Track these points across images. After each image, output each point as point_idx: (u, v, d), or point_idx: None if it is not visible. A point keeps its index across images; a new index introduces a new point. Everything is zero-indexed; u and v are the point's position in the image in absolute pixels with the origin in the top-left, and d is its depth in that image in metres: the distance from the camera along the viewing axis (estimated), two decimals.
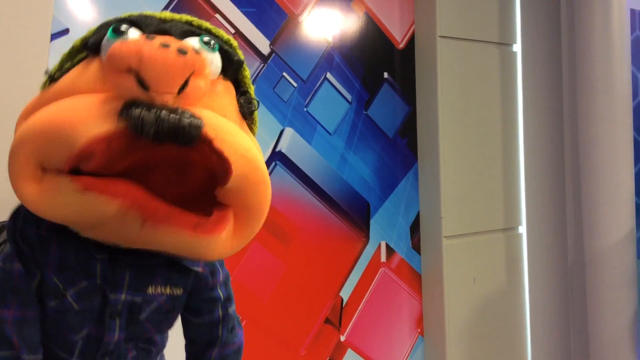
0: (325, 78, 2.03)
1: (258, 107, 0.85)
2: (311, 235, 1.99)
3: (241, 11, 1.85)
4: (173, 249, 0.73)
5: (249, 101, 0.83)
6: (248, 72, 0.85)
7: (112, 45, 0.67)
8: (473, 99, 2.28)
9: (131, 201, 0.67)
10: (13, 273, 0.79)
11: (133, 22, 0.75)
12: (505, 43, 2.40)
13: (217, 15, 1.79)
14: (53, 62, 1.49)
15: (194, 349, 0.97)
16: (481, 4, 2.33)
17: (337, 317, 2.05)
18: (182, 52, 0.64)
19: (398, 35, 2.25)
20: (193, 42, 0.75)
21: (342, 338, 2.06)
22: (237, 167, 0.68)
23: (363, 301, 2.12)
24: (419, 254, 2.28)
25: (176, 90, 0.65)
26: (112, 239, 0.74)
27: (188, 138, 0.64)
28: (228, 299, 0.98)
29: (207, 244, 0.71)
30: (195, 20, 0.81)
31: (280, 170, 1.91)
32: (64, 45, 1.54)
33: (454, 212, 2.20)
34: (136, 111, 0.63)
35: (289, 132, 1.94)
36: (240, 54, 0.83)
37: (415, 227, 2.27)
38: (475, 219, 2.28)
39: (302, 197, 1.96)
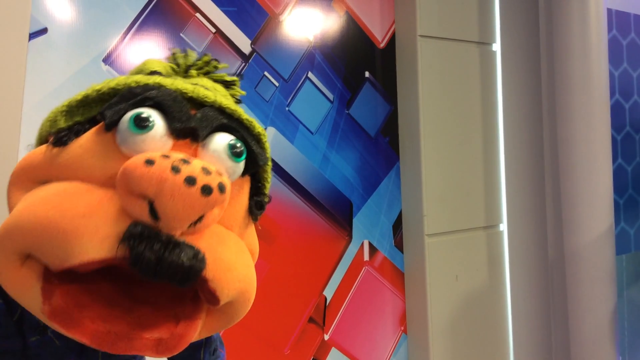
0: (307, 77, 2.04)
1: (269, 201, 0.80)
2: (294, 234, 1.99)
3: (221, 10, 1.84)
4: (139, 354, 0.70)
5: (261, 205, 0.77)
6: (270, 168, 0.79)
7: (131, 162, 0.60)
8: (453, 98, 2.30)
9: (91, 338, 0.62)
10: None
11: (159, 105, 0.67)
12: (484, 42, 2.42)
13: (198, 15, 1.79)
14: (31, 62, 1.48)
15: None
16: (461, 3, 2.35)
17: (321, 316, 2.05)
18: (206, 192, 0.59)
19: (379, 34, 2.26)
20: (219, 143, 0.69)
21: (326, 337, 2.06)
22: (226, 299, 0.65)
23: (346, 300, 2.12)
24: (402, 252, 2.29)
25: (187, 225, 0.61)
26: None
27: (184, 281, 0.60)
28: None
29: (175, 347, 0.67)
30: (230, 106, 0.72)
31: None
32: (43, 44, 1.53)
33: (435, 211, 2.22)
34: (138, 248, 0.58)
35: (271, 131, 1.94)
36: (268, 150, 0.77)
37: (397, 226, 2.28)
38: (457, 217, 2.30)
39: (285, 196, 1.96)
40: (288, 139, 1.98)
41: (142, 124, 0.65)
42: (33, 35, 1.53)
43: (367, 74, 2.21)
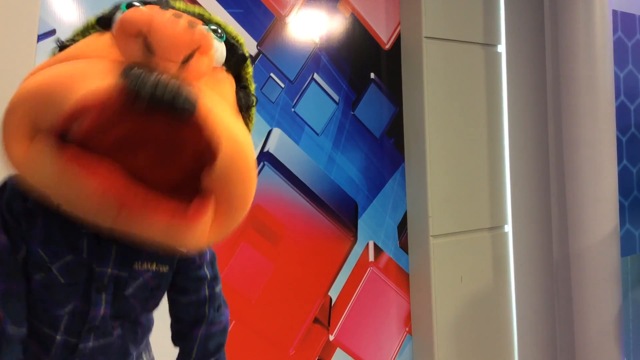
0: (313, 79, 2.04)
1: (256, 103, 0.87)
2: (300, 235, 1.99)
3: (228, 12, 1.85)
4: (150, 237, 0.72)
5: (248, 95, 0.84)
6: (251, 70, 0.86)
7: (130, 10, 0.68)
8: (459, 99, 2.30)
9: (109, 184, 0.65)
10: None
11: (147, 3, 0.76)
12: (489, 44, 2.42)
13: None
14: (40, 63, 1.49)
15: (179, 328, 0.97)
16: (466, 5, 2.35)
17: (326, 316, 2.06)
18: (192, 25, 0.66)
19: (384, 36, 2.26)
20: (204, 26, 0.75)
21: (331, 337, 2.07)
22: (226, 148, 0.67)
23: (351, 300, 2.12)
24: (407, 253, 2.29)
25: (180, 60, 0.66)
26: (90, 220, 0.72)
27: (182, 108, 0.63)
28: (214, 278, 0.97)
29: (185, 232, 0.70)
30: (207, 13, 0.82)
31: (268, 170, 1.91)
32: (51, 46, 1.54)
33: (441, 212, 2.22)
34: (137, 71, 0.62)
35: (276, 132, 1.95)
36: (246, 51, 0.85)
37: (402, 227, 2.28)
38: (462, 218, 2.30)
39: (291, 197, 1.97)
40: (294, 140, 1.99)
41: (132, 4, 0.73)
42: (41, 37, 1.54)
43: (372, 75, 2.21)
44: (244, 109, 0.82)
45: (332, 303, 2.08)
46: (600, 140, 2.21)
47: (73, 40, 0.79)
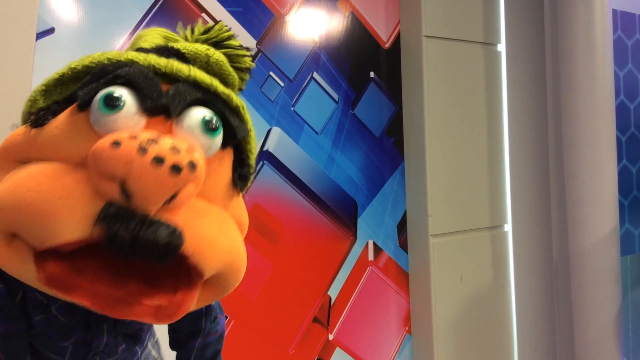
0: (312, 77, 2.04)
1: (254, 173, 0.80)
2: (299, 234, 1.99)
3: (227, 10, 1.85)
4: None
5: (245, 177, 0.76)
6: (253, 139, 0.78)
7: (99, 144, 0.60)
8: (458, 98, 2.30)
9: (91, 300, 0.63)
10: None
11: (131, 82, 0.67)
12: (489, 43, 2.42)
13: (204, 15, 1.79)
14: (39, 62, 1.49)
15: (177, 337, 0.97)
16: (466, 4, 2.35)
17: (326, 316, 2.06)
18: (175, 170, 0.59)
19: (384, 34, 2.26)
20: (193, 119, 0.68)
21: (331, 337, 2.06)
22: (210, 272, 0.66)
23: (351, 300, 2.12)
24: (406, 252, 2.29)
25: (161, 204, 0.60)
26: None
27: (162, 258, 0.60)
28: None
29: (171, 318, 0.68)
30: (204, 80, 0.72)
31: (267, 169, 1.91)
32: (50, 44, 1.53)
33: (440, 211, 2.22)
34: (112, 228, 0.58)
35: (276, 131, 1.95)
36: (249, 123, 0.77)
37: (402, 226, 2.28)
38: (462, 217, 2.30)
39: (290, 196, 1.96)
40: (293, 139, 1.98)
41: (111, 103, 0.64)
42: (40, 35, 1.53)
43: (372, 74, 2.21)
44: (239, 185, 0.76)
45: (332, 302, 2.07)
46: (599, 139, 2.21)
47: (49, 97, 0.72)
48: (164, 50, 0.75)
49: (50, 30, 1.56)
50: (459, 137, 2.30)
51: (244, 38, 1.88)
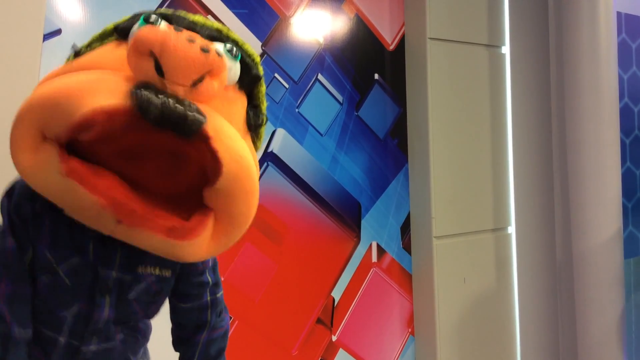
0: (317, 79, 2.04)
1: (266, 122, 0.87)
2: (303, 235, 2.00)
3: (233, 12, 1.85)
4: (148, 248, 0.75)
5: (258, 115, 0.84)
6: (264, 88, 0.87)
7: (140, 29, 0.68)
8: (463, 100, 2.30)
9: (108, 200, 0.68)
10: (6, 248, 0.80)
11: (166, 17, 0.77)
12: (494, 45, 2.42)
13: (209, 16, 1.80)
14: (46, 63, 1.50)
15: (181, 334, 0.98)
16: (470, 6, 2.35)
17: (329, 317, 2.06)
18: (205, 50, 0.66)
19: (388, 36, 2.26)
20: (218, 46, 0.75)
21: (334, 338, 2.07)
22: (228, 170, 0.69)
23: (354, 301, 2.13)
24: (410, 254, 2.29)
25: (190, 84, 0.67)
26: (91, 226, 0.75)
27: (187, 130, 0.65)
28: (216, 284, 0.98)
29: (180, 248, 0.72)
30: (225, 29, 0.82)
31: (272, 170, 1.91)
32: (57, 45, 1.54)
33: (444, 213, 2.22)
34: (145, 93, 0.64)
35: (280, 133, 1.95)
36: (260, 70, 0.85)
37: (405, 228, 2.28)
38: (465, 219, 2.30)
39: (294, 197, 1.97)
40: (297, 140, 1.99)
41: (149, 21, 0.73)
42: (47, 36, 1.55)
43: (376, 76, 2.22)
44: (252, 127, 0.83)
45: (335, 303, 2.08)
46: (603, 142, 2.21)
47: (89, 46, 0.81)
48: None
49: (57, 32, 1.57)
50: (463, 139, 2.30)
51: (249, 40, 1.88)
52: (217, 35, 0.79)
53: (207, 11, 1.80)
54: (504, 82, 2.45)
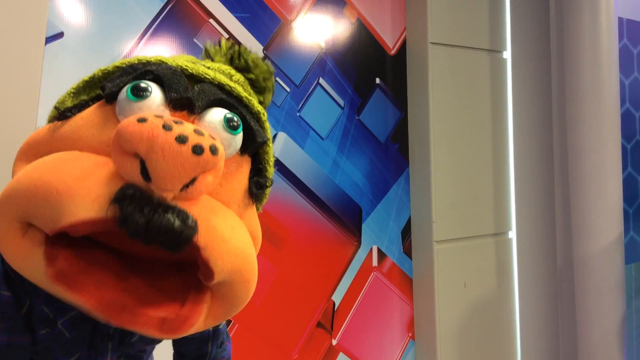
0: (318, 83, 2.05)
1: (271, 185, 0.80)
2: (303, 239, 2.00)
3: (235, 16, 1.86)
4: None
5: (261, 186, 0.76)
6: (271, 149, 0.79)
7: (125, 121, 0.60)
8: (464, 105, 2.31)
9: (97, 301, 0.62)
10: (1, 299, 0.76)
11: (158, 78, 0.69)
12: (495, 50, 2.43)
13: (211, 20, 1.81)
14: (48, 66, 1.50)
15: None
16: (472, 11, 2.36)
17: (329, 321, 2.06)
18: (197, 152, 0.58)
19: (390, 41, 2.27)
20: (216, 116, 0.69)
21: (334, 342, 2.07)
22: (221, 273, 0.64)
23: (355, 305, 2.13)
24: (410, 258, 2.29)
25: (179, 188, 0.60)
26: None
27: (175, 245, 0.59)
28: None
29: (177, 333, 0.66)
30: (229, 83, 0.74)
31: (273, 174, 1.91)
32: (59, 48, 1.55)
33: (445, 217, 2.22)
34: (128, 209, 0.57)
35: (281, 136, 1.95)
36: (268, 131, 0.77)
37: (406, 232, 2.28)
38: (466, 223, 2.30)
39: (295, 201, 1.97)
40: (298, 144, 1.99)
41: (139, 92, 0.66)
42: (49, 40, 1.55)
43: (377, 80, 2.22)
44: (254, 195, 0.75)
45: (335, 307, 2.08)
46: (605, 147, 2.21)
47: (77, 97, 0.74)
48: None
49: (60, 35, 1.58)
50: (464, 143, 2.30)
51: (251, 43, 1.90)
52: (217, 99, 0.71)
53: (209, 15, 1.81)
54: (505, 86, 2.45)
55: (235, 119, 0.70)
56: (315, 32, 2.06)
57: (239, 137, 0.71)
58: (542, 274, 2.48)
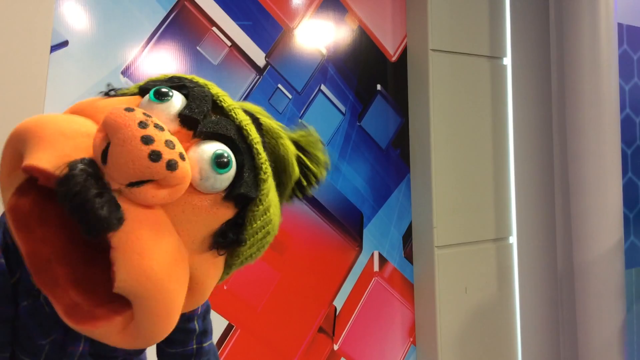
0: (320, 90, 2.07)
1: (249, 257, 0.76)
2: (305, 244, 2.01)
3: (237, 24, 1.88)
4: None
5: (225, 238, 0.69)
6: (267, 218, 0.74)
7: (121, 105, 0.62)
8: (464, 111, 2.32)
9: (29, 251, 0.63)
10: None
11: (188, 94, 0.70)
12: (495, 56, 2.44)
13: (214, 28, 1.83)
14: (53, 74, 1.52)
15: None
16: (472, 18, 2.38)
17: (331, 326, 2.07)
18: (152, 158, 0.58)
19: (391, 48, 2.28)
20: (208, 149, 0.66)
21: (336, 347, 2.08)
22: (121, 284, 0.60)
23: (356, 310, 2.14)
24: (412, 263, 2.30)
25: (125, 183, 0.59)
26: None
27: (88, 229, 0.57)
28: (204, 333, 0.94)
29: (80, 329, 0.64)
30: (251, 129, 0.72)
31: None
32: (64, 57, 1.57)
33: (445, 222, 2.23)
34: (72, 174, 0.57)
35: None
36: (267, 192, 0.73)
37: (407, 237, 2.30)
38: (467, 229, 2.31)
39: (297, 206, 1.98)
40: None
41: (160, 95, 0.68)
42: (54, 48, 1.57)
43: (378, 86, 2.24)
44: (215, 244, 0.69)
45: (337, 312, 2.09)
46: (605, 152, 2.22)
47: (116, 90, 0.78)
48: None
49: (64, 43, 1.60)
50: (465, 149, 2.32)
51: (253, 51, 1.91)
52: (231, 138, 0.68)
53: (212, 23, 1.83)
54: (505, 93, 2.47)
55: (226, 157, 0.66)
56: (317, 39, 2.08)
57: (223, 177, 0.67)
58: (543, 279, 2.48)
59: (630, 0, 2.84)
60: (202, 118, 0.68)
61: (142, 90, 0.73)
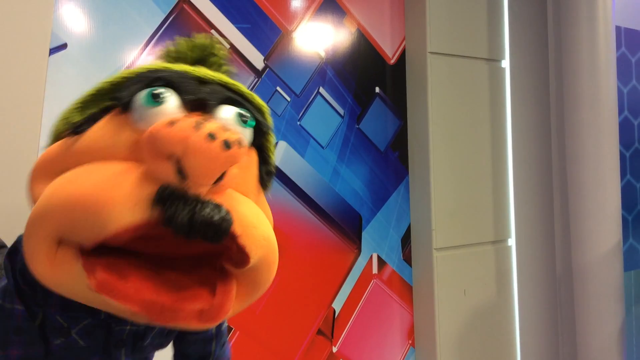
0: (318, 92, 2.07)
1: (275, 172, 0.84)
2: (304, 247, 2.01)
3: (236, 27, 1.88)
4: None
5: (270, 173, 0.81)
6: (273, 138, 0.83)
7: (155, 125, 0.62)
8: (463, 114, 2.33)
9: (139, 305, 0.63)
10: (15, 313, 0.77)
11: (170, 83, 0.71)
12: (494, 59, 2.45)
13: (213, 31, 1.83)
14: (51, 77, 1.52)
15: None
16: (470, 21, 2.38)
17: (330, 328, 2.07)
18: (227, 145, 0.61)
19: (389, 50, 2.29)
20: (228, 112, 0.73)
21: (334, 349, 2.08)
22: (255, 258, 0.67)
23: (355, 312, 2.14)
24: (410, 265, 2.30)
25: (212, 183, 0.63)
26: None
27: (217, 237, 0.61)
28: None
29: (212, 322, 0.69)
30: (231, 82, 0.78)
31: (273, 183, 1.93)
32: (62, 59, 1.57)
33: (444, 225, 2.24)
34: (172, 208, 0.60)
35: (282, 145, 1.97)
36: (270, 121, 0.82)
37: (406, 239, 2.30)
38: (466, 231, 2.31)
39: (295, 209, 1.99)
40: (299, 153, 2.01)
41: (156, 98, 0.68)
42: (53, 51, 1.57)
43: (377, 89, 2.24)
44: (264, 183, 0.80)
45: (336, 315, 2.09)
46: (603, 155, 2.22)
47: (84, 111, 0.75)
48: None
49: (63, 46, 1.60)
50: (463, 151, 2.32)
51: (252, 54, 1.92)
52: (226, 97, 0.74)
53: (211, 26, 1.83)
54: (503, 95, 2.47)
55: (246, 114, 0.74)
56: (316, 42, 2.08)
57: (249, 131, 0.75)
58: (542, 281, 2.48)
59: (629, 2, 2.85)
60: (202, 93, 0.73)
61: (120, 101, 0.71)
